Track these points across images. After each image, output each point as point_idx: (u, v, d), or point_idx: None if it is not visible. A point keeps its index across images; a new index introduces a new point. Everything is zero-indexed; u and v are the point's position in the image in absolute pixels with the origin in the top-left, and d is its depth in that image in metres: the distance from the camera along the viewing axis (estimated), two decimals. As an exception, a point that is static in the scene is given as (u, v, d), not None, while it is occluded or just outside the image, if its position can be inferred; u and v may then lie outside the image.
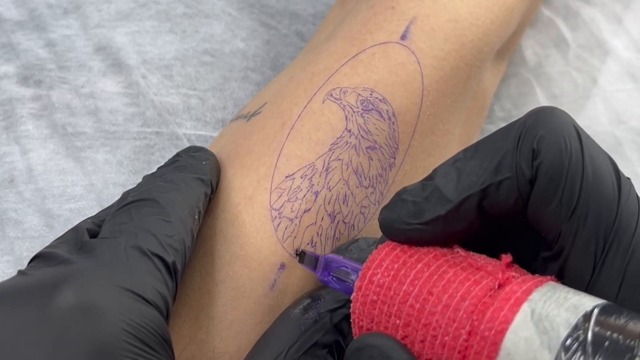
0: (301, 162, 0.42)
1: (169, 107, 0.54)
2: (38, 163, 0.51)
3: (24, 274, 0.34)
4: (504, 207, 0.33)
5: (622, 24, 0.62)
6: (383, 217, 0.35)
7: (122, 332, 0.31)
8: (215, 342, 0.40)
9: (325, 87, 0.44)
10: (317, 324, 0.37)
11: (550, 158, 0.31)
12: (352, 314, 0.35)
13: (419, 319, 0.31)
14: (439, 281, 0.32)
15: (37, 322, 0.31)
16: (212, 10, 0.59)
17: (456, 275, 0.32)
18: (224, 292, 0.41)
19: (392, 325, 0.33)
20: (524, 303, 0.30)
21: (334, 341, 0.37)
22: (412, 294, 0.32)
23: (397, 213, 0.34)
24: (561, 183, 0.31)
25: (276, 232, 0.41)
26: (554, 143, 0.31)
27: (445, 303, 0.31)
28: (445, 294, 0.31)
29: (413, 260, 0.33)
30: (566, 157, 0.31)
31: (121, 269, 0.34)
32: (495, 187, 0.32)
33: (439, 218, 0.33)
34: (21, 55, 0.55)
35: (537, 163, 0.31)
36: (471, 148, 0.34)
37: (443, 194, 0.33)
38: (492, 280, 0.31)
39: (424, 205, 0.33)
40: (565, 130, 0.32)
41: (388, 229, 0.34)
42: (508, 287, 0.31)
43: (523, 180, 0.32)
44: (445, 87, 0.45)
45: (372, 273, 0.34)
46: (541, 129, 0.32)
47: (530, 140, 0.32)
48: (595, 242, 0.31)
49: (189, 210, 0.38)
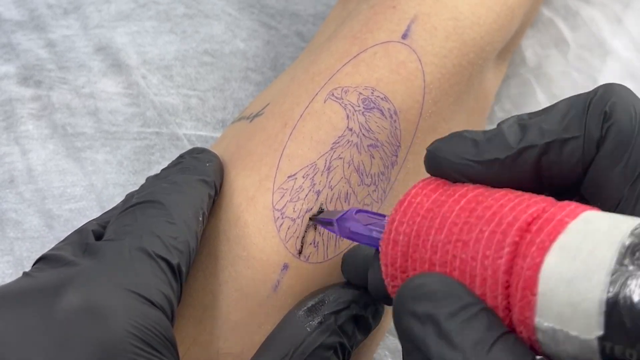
0: (303, 161, 0.42)
1: (169, 108, 0.54)
2: (38, 163, 0.51)
3: (29, 275, 0.34)
4: (563, 168, 0.32)
5: (622, 24, 0.62)
6: (435, 147, 0.34)
7: (127, 334, 0.31)
8: (219, 343, 0.40)
9: (327, 87, 0.43)
10: (322, 325, 0.37)
11: (622, 121, 0.31)
12: (385, 247, 0.33)
13: (489, 196, 0.31)
14: (498, 191, 0.31)
15: (42, 324, 0.31)
16: (212, 10, 0.59)
17: (507, 194, 0.31)
18: (227, 293, 0.40)
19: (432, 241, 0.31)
20: (594, 209, 0.29)
21: (339, 343, 0.37)
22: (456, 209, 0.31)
23: (452, 146, 0.33)
24: (629, 146, 0.31)
25: (279, 232, 0.41)
26: (626, 109, 0.32)
27: (519, 194, 0.30)
28: (516, 192, 0.31)
29: (454, 187, 0.32)
30: (636, 123, 0.31)
31: (126, 271, 0.34)
32: (560, 144, 0.32)
33: (496, 161, 0.32)
34: (21, 55, 0.55)
35: (608, 125, 0.31)
36: (535, 112, 0.34)
37: (506, 139, 0.33)
38: (553, 200, 0.30)
39: (484, 145, 0.33)
40: (635, 101, 0.32)
41: (436, 160, 0.33)
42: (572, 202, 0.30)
43: (590, 141, 0.32)
44: (447, 85, 0.45)
45: (408, 203, 0.33)
46: (613, 96, 0.32)
47: (602, 104, 0.32)
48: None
49: (193, 212, 0.38)
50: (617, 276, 0.26)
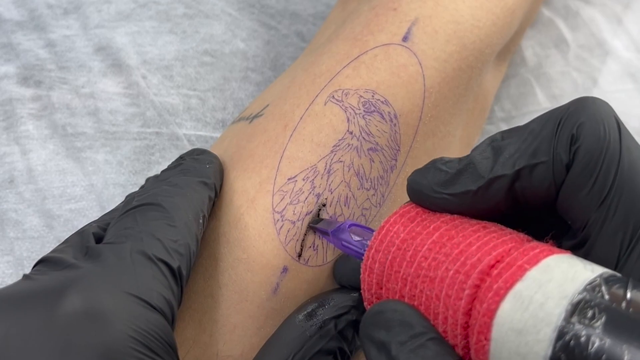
0: (303, 164, 0.42)
1: (169, 108, 0.54)
2: (38, 163, 0.51)
3: (30, 278, 0.34)
4: (536, 192, 0.33)
5: (622, 24, 0.62)
6: (413, 179, 0.35)
7: (128, 338, 0.31)
8: (219, 345, 0.40)
9: (327, 88, 0.43)
10: (322, 330, 0.37)
11: (588, 143, 0.31)
12: (363, 273, 0.34)
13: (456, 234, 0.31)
14: (478, 223, 0.32)
15: (43, 328, 0.31)
16: (212, 10, 0.59)
17: (489, 226, 0.32)
18: (227, 296, 0.41)
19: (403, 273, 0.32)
20: (560, 253, 0.29)
21: (338, 348, 0.37)
22: (428, 243, 0.32)
23: (428, 179, 0.34)
24: (596, 170, 0.31)
25: (279, 235, 0.41)
26: (593, 130, 0.31)
27: (488, 232, 0.31)
28: (487, 228, 0.31)
29: (431, 218, 0.33)
30: (604, 145, 0.31)
31: (127, 275, 0.34)
32: (529, 170, 0.32)
33: (469, 192, 0.33)
34: (21, 55, 0.55)
35: (575, 148, 0.31)
36: (509, 130, 0.34)
37: (477, 170, 0.33)
38: (524, 238, 0.31)
39: (456, 177, 0.34)
40: (606, 120, 0.32)
41: (415, 192, 0.35)
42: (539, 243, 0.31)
43: (559, 165, 0.32)
44: (447, 88, 0.45)
45: (386, 231, 0.34)
46: (582, 116, 0.32)
47: (570, 126, 0.32)
48: (623, 233, 0.31)
49: (193, 215, 0.38)
50: (564, 333, 0.26)
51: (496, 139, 0.34)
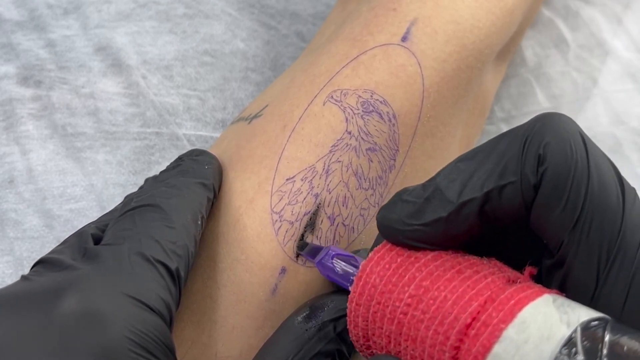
0: (301, 164, 0.42)
1: (169, 108, 0.54)
2: (38, 163, 0.51)
3: (28, 279, 0.34)
4: (507, 212, 0.32)
5: (622, 24, 0.62)
6: (382, 216, 0.35)
7: (126, 340, 0.31)
8: (218, 346, 0.40)
9: (326, 89, 0.43)
10: (320, 332, 0.37)
11: (556, 164, 0.31)
12: (349, 324, 0.35)
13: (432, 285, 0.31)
14: (453, 267, 0.32)
15: (40, 328, 0.31)
16: (212, 10, 0.59)
17: (474, 265, 0.32)
18: (225, 296, 0.41)
19: (386, 330, 0.33)
20: (546, 293, 0.30)
21: (337, 350, 0.37)
22: (405, 298, 0.32)
23: (396, 213, 0.34)
24: (566, 190, 0.31)
25: (277, 235, 0.41)
26: (560, 149, 0.31)
27: (462, 279, 0.31)
28: (461, 274, 0.31)
29: (405, 264, 0.33)
30: (572, 164, 0.31)
31: (125, 276, 0.34)
32: (498, 192, 0.32)
33: (440, 219, 0.33)
34: (21, 55, 0.55)
35: (543, 169, 0.31)
36: (474, 150, 0.34)
37: (445, 195, 0.33)
38: (514, 276, 0.31)
39: (424, 205, 0.33)
40: (572, 137, 0.31)
41: (386, 229, 0.34)
42: (528, 282, 0.31)
43: (527, 185, 0.31)
44: (446, 89, 0.45)
45: (367, 275, 0.34)
46: (547, 135, 0.31)
47: (536, 145, 0.31)
48: (599, 253, 0.31)
49: (192, 216, 0.38)
50: None
51: (462, 159, 0.34)
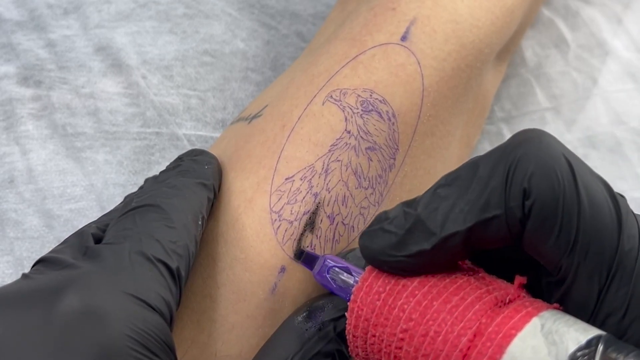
0: (301, 164, 0.42)
1: (169, 108, 0.54)
2: (38, 163, 0.51)
3: (28, 277, 0.34)
4: (491, 242, 0.32)
5: (622, 24, 0.62)
6: (364, 245, 0.34)
7: (126, 338, 0.31)
8: (217, 345, 0.40)
9: (326, 88, 0.44)
10: (320, 332, 0.37)
11: (543, 198, 0.30)
12: (348, 342, 0.35)
13: (421, 319, 0.31)
14: (440, 295, 0.32)
15: (41, 327, 0.31)
16: (212, 10, 0.59)
17: (461, 288, 0.32)
18: (225, 296, 0.41)
19: (385, 350, 0.33)
20: (535, 317, 0.30)
21: (337, 350, 0.37)
22: (398, 332, 0.32)
23: (379, 244, 0.34)
24: (557, 221, 0.30)
25: (276, 235, 0.41)
26: (546, 180, 0.30)
27: (450, 309, 0.31)
28: (448, 303, 0.31)
29: (394, 295, 0.33)
30: (560, 194, 0.30)
31: (126, 275, 0.34)
32: (482, 225, 0.31)
33: (424, 252, 0.32)
34: (21, 55, 0.55)
35: (530, 203, 0.30)
36: (453, 176, 0.33)
37: (427, 227, 0.32)
38: (502, 295, 0.31)
39: (407, 237, 0.33)
40: (556, 163, 0.31)
41: (371, 260, 0.34)
42: (519, 302, 0.31)
43: (513, 219, 0.31)
44: (446, 88, 0.45)
45: (359, 308, 0.34)
46: (530, 164, 0.31)
47: (520, 178, 0.31)
48: (599, 273, 0.30)
49: (192, 216, 0.38)
50: None
51: (441, 185, 0.33)
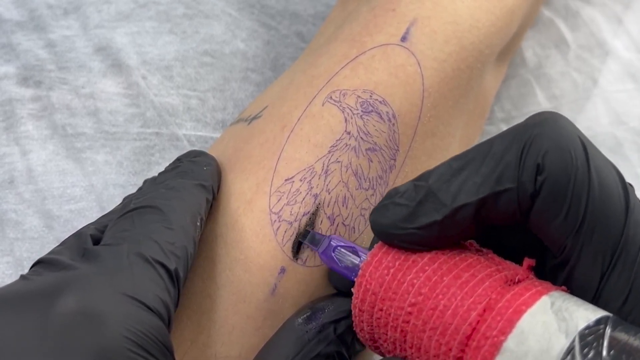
0: (300, 165, 0.42)
1: (169, 108, 0.54)
2: (38, 164, 0.51)
3: (26, 279, 0.34)
4: (501, 217, 0.33)
5: (622, 24, 0.62)
6: (374, 220, 0.35)
7: (123, 339, 0.31)
8: (217, 346, 0.40)
9: (325, 89, 0.43)
10: (321, 334, 0.37)
11: (556, 174, 0.31)
12: (355, 327, 0.35)
13: (431, 293, 0.32)
14: (450, 272, 0.32)
15: (38, 328, 0.31)
16: (212, 10, 0.59)
17: (472, 266, 0.32)
18: (225, 297, 0.41)
19: (390, 337, 0.33)
20: (544, 295, 0.30)
21: (337, 352, 0.37)
22: (406, 306, 0.32)
23: (390, 217, 0.34)
24: (567, 199, 0.31)
25: (276, 236, 0.41)
26: (560, 158, 0.31)
27: (460, 284, 0.31)
28: (459, 279, 0.31)
29: (404, 269, 0.33)
30: (572, 173, 0.31)
31: (124, 276, 0.34)
32: (494, 197, 0.32)
33: (435, 223, 0.33)
34: (21, 55, 0.55)
35: (542, 179, 0.31)
36: (468, 152, 0.34)
37: (438, 198, 0.33)
38: (512, 274, 0.31)
39: (418, 208, 0.33)
40: (571, 144, 0.31)
41: (381, 234, 0.34)
42: (528, 281, 0.31)
43: (524, 194, 0.31)
44: (446, 89, 0.45)
45: (367, 282, 0.34)
46: (546, 142, 0.31)
47: (534, 154, 0.31)
48: (603, 255, 0.31)
49: (190, 218, 0.38)
50: None
51: (455, 159, 0.34)
